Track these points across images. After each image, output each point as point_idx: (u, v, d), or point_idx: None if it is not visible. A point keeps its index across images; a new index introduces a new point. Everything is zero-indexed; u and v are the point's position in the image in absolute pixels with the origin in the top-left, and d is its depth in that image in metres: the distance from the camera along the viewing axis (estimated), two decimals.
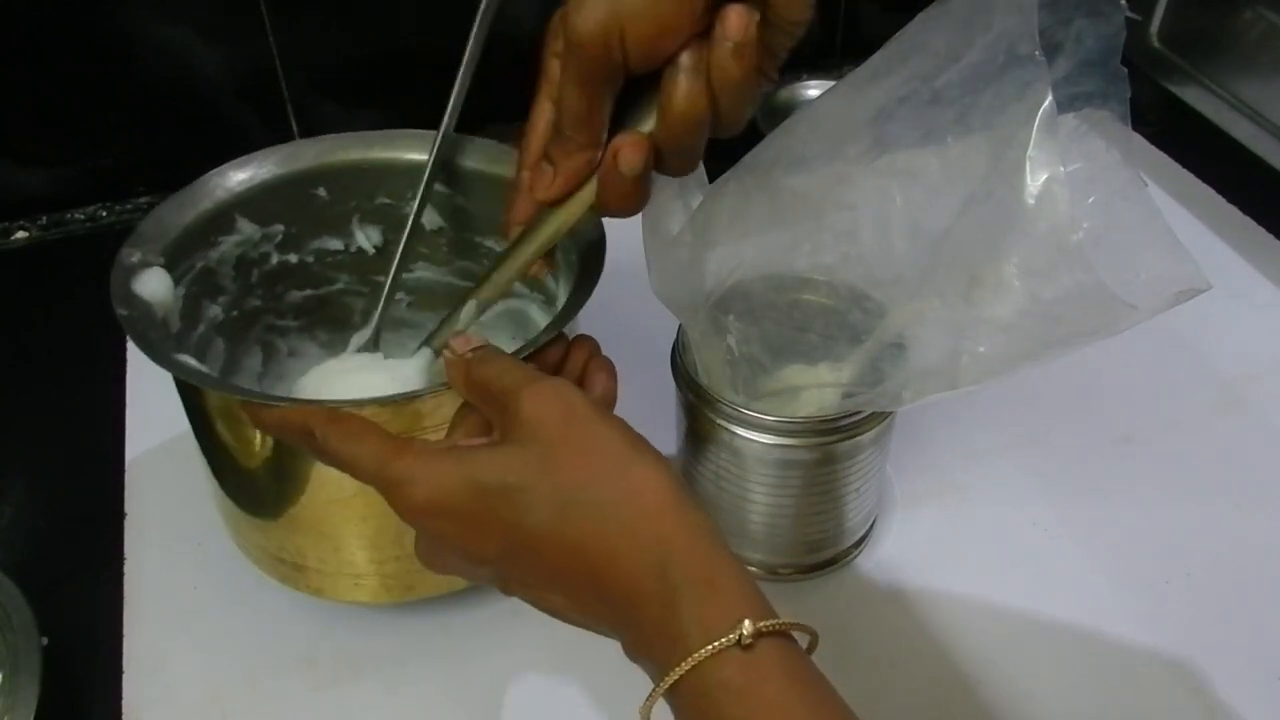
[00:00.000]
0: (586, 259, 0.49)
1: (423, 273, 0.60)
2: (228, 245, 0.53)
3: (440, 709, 0.51)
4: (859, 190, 0.48)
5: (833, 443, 0.49)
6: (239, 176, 0.53)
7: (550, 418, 0.38)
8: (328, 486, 0.46)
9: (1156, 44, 0.84)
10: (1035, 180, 0.41)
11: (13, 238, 0.80)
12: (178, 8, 0.74)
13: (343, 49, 0.80)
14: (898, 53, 0.44)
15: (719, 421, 0.50)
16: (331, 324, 0.61)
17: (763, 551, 0.55)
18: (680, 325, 0.52)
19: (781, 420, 0.49)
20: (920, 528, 0.58)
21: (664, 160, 0.42)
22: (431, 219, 0.58)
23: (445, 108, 0.52)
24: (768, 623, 0.34)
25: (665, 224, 0.48)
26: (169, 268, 0.49)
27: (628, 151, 0.41)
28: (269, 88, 0.79)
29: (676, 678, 0.34)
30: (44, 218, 0.81)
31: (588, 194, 0.43)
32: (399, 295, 0.61)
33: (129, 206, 0.82)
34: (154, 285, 0.48)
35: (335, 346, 0.61)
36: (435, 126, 0.56)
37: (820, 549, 0.55)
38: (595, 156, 0.42)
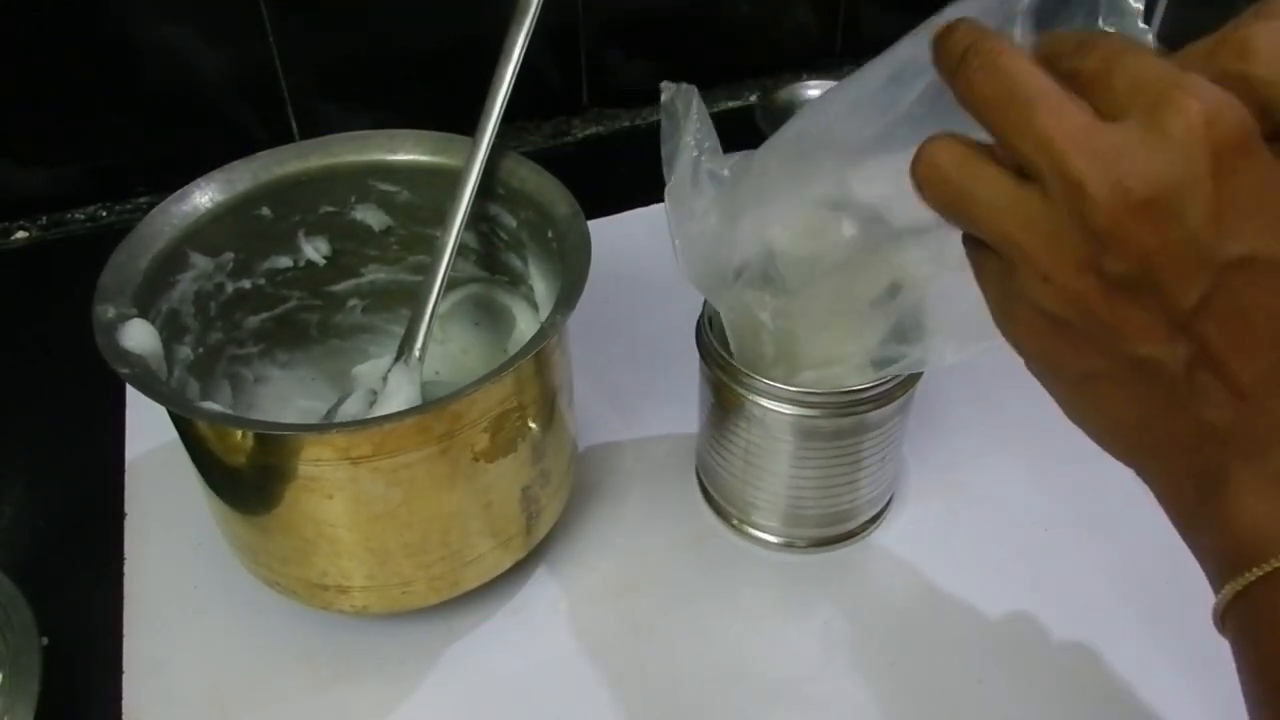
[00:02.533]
0: (571, 249, 0.49)
1: (375, 275, 0.60)
2: (185, 283, 0.52)
3: (440, 709, 0.51)
4: (880, 165, 0.47)
5: (860, 413, 0.50)
6: (182, 209, 0.52)
7: None
8: (372, 504, 0.46)
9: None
10: None
11: (13, 238, 0.80)
12: (178, 8, 0.74)
13: (343, 49, 0.80)
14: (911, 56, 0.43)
15: (748, 396, 0.50)
16: (289, 344, 0.60)
17: (785, 523, 0.56)
18: (705, 302, 0.52)
19: (807, 392, 0.50)
20: (924, 520, 0.59)
21: None
22: (378, 219, 0.58)
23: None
24: None
25: (688, 199, 0.47)
26: (141, 316, 0.48)
27: None
28: (269, 88, 0.79)
29: None
30: (44, 218, 0.81)
31: None
32: (351, 302, 0.61)
33: (129, 206, 0.82)
34: (140, 337, 0.47)
35: (294, 366, 0.61)
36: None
37: (840, 521, 0.56)
38: None
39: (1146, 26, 0.40)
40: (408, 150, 0.55)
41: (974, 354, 0.46)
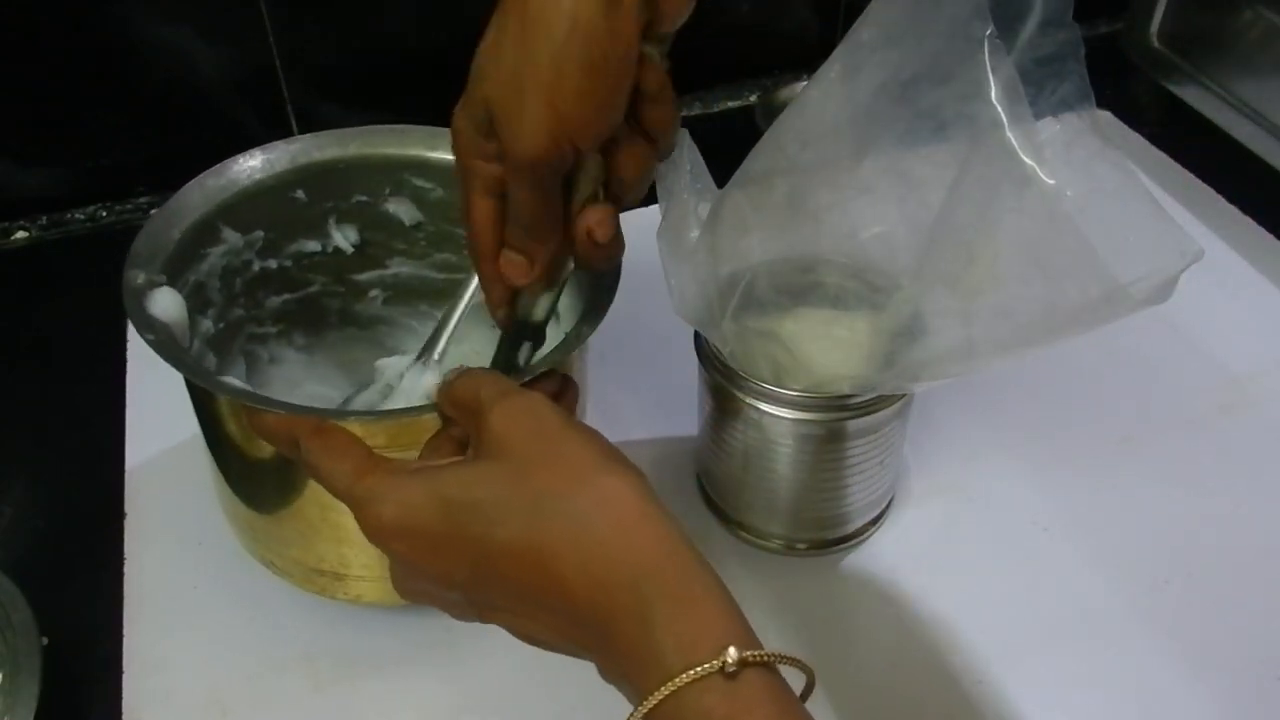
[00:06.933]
0: (596, 285, 0.49)
1: (400, 268, 0.60)
2: (215, 256, 0.53)
3: (440, 709, 0.51)
4: (851, 192, 0.49)
5: (859, 416, 0.50)
6: (219, 183, 0.52)
7: (519, 431, 0.37)
8: None
9: (1156, 44, 0.84)
10: (1019, 149, 0.42)
11: (13, 238, 0.80)
12: (178, 8, 0.74)
13: (343, 49, 0.80)
14: (866, 42, 0.44)
15: (746, 400, 0.51)
16: (307, 326, 0.60)
17: (786, 526, 0.56)
18: None
19: (808, 395, 0.50)
20: (925, 522, 0.59)
21: (623, 204, 0.44)
22: (410, 213, 0.58)
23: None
24: (755, 653, 0.32)
25: (681, 237, 0.49)
26: (170, 285, 0.48)
27: (600, 228, 0.42)
28: (269, 88, 0.79)
29: (655, 703, 0.32)
30: (44, 218, 0.81)
31: (567, 266, 0.45)
32: (373, 293, 0.61)
33: (129, 206, 0.82)
34: (166, 305, 0.47)
35: (310, 351, 0.61)
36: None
37: (840, 524, 0.56)
38: (563, 235, 0.43)
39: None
40: (447, 149, 0.55)
41: (945, 381, 0.48)
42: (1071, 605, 0.55)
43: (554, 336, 0.57)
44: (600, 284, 0.48)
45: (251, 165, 0.53)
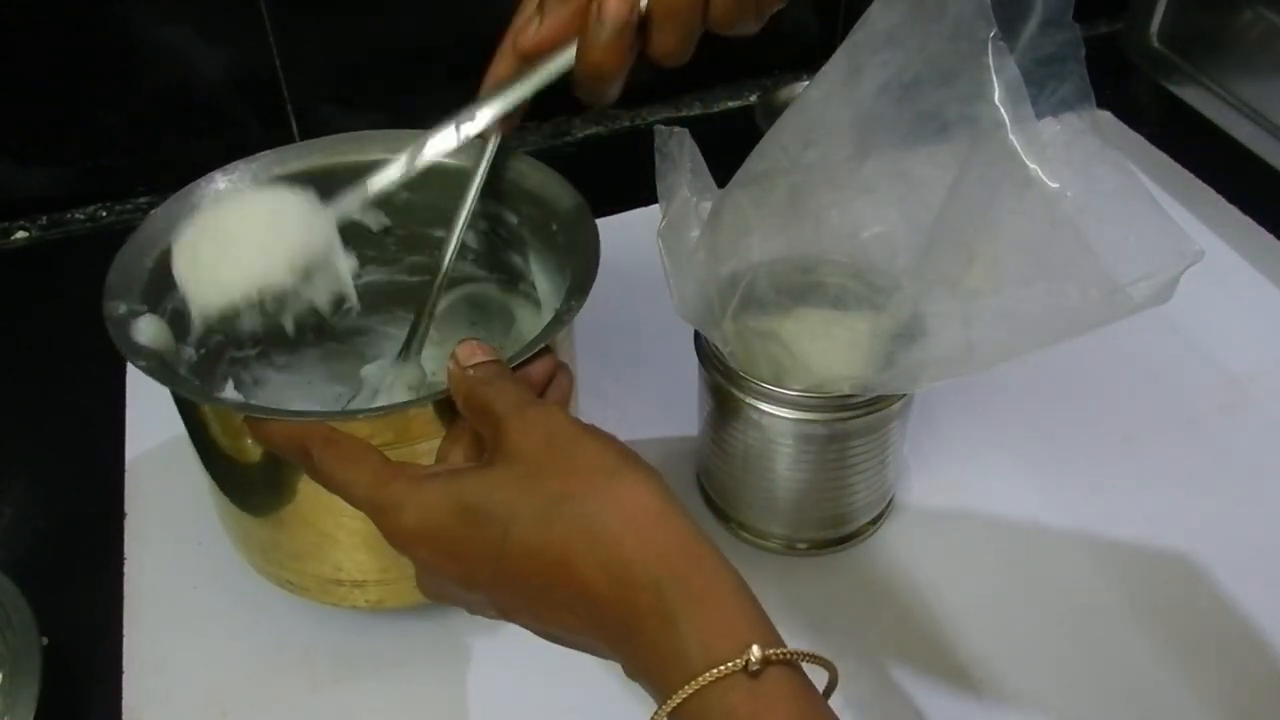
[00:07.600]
0: (579, 241, 0.49)
1: (371, 276, 0.60)
2: None
3: (440, 709, 0.51)
4: (852, 192, 0.49)
5: (859, 416, 0.51)
6: (184, 208, 0.51)
7: (534, 441, 0.37)
8: None
9: (1156, 44, 0.85)
10: (1020, 151, 0.42)
11: (13, 238, 0.80)
12: (178, 8, 0.74)
13: (343, 49, 0.80)
14: (867, 43, 0.45)
15: (747, 400, 0.51)
16: (286, 346, 0.60)
17: (786, 526, 0.57)
18: None
19: (808, 395, 0.50)
20: (925, 522, 0.59)
21: (653, 33, 0.42)
22: (376, 219, 0.57)
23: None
24: (778, 651, 0.32)
25: (682, 237, 0.49)
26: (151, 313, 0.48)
27: (613, 2, 0.41)
28: (269, 88, 0.79)
29: (679, 701, 0.32)
30: (44, 218, 0.81)
31: (569, 54, 0.44)
32: (348, 304, 0.61)
33: (129, 206, 0.82)
34: (151, 332, 0.47)
35: (291, 370, 0.61)
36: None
37: (840, 524, 0.57)
38: (583, 7, 0.42)
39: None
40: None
41: (946, 382, 0.48)
42: (1071, 605, 0.55)
43: (542, 319, 0.58)
44: (583, 261, 0.48)
45: (215, 188, 0.53)
